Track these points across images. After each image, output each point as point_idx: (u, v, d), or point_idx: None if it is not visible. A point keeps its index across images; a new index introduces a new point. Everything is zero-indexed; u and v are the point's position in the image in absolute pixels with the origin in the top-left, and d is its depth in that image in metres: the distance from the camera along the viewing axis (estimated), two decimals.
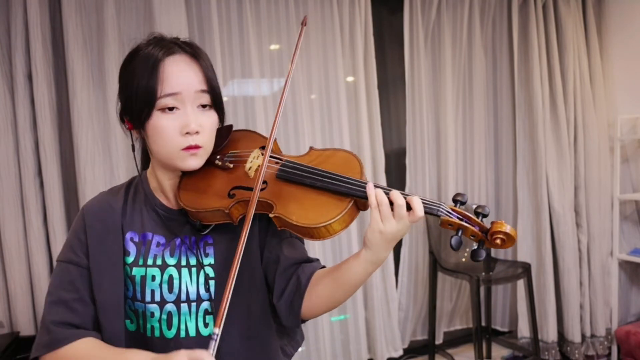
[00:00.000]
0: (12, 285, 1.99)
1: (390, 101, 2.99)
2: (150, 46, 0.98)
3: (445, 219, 0.89)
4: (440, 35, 2.87)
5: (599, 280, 3.05)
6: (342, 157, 1.01)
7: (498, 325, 3.21)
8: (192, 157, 0.97)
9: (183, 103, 0.96)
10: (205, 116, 0.98)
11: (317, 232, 0.92)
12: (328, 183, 0.94)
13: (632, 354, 2.89)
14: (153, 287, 1.01)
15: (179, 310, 1.02)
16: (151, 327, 1.02)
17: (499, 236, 0.88)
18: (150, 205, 1.06)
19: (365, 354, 2.70)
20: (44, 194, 2.02)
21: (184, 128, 0.95)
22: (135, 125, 0.99)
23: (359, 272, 0.94)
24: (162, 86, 0.94)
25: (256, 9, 2.44)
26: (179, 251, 1.03)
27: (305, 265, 1.03)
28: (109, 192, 1.10)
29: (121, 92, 1.00)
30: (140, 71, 0.95)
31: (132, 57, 0.99)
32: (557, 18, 3.00)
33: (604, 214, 3.06)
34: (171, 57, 0.97)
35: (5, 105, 1.98)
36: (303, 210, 0.93)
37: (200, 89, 0.97)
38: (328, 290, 0.98)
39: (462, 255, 2.90)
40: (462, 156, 2.99)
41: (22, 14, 1.96)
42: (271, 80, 2.53)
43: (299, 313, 0.99)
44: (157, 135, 0.96)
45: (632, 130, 3.09)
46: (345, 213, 0.91)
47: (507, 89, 3.09)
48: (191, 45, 1.01)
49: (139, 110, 0.95)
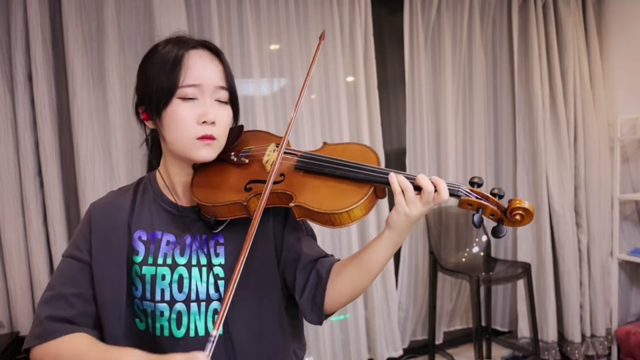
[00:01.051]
0: (12, 285, 1.99)
1: (390, 101, 2.99)
2: (171, 42, 1.01)
3: (465, 198, 0.94)
4: (440, 35, 2.87)
5: (599, 280, 3.05)
6: (357, 150, 1.04)
7: (498, 325, 3.21)
8: (206, 147, 0.99)
9: (203, 95, 0.98)
10: (222, 110, 1.01)
11: (338, 218, 0.93)
12: (347, 171, 0.96)
13: (632, 354, 2.89)
14: (163, 286, 1.01)
15: (189, 310, 1.01)
16: (160, 326, 1.02)
17: (518, 212, 0.92)
18: (159, 204, 1.06)
19: (365, 354, 2.70)
20: (44, 194, 2.02)
21: (202, 117, 0.97)
22: (151, 115, 1.00)
23: (382, 253, 0.97)
24: (184, 76, 0.96)
25: (256, 9, 2.44)
26: (189, 250, 1.03)
27: (324, 259, 1.05)
28: (118, 191, 1.11)
29: (140, 84, 1.02)
30: (163, 62, 0.98)
31: (153, 52, 1.02)
32: (557, 18, 3.00)
33: (604, 214, 3.06)
34: (195, 50, 1.00)
35: (5, 105, 1.98)
36: (324, 197, 0.94)
37: (220, 85, 1.00)
38: (351, 277, 0.99)
39: (462, 256, 2.90)
40: (462, 156, 2.99)
41: (22, 14, 1.96)
42: (271, 80, 2.53)
43: (322, 307, 1.01)
44: (174, 122, 0.97)
45: (632, 130, 3.09)
46: (367, 199, 0.93)
47: (507, 89, 3.09)
48: (210, 44, 1.04)
49: (158, 97, 0.97)
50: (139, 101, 1.03)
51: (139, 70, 1.04)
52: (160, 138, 1.04)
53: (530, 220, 0.93)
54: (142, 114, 1.03)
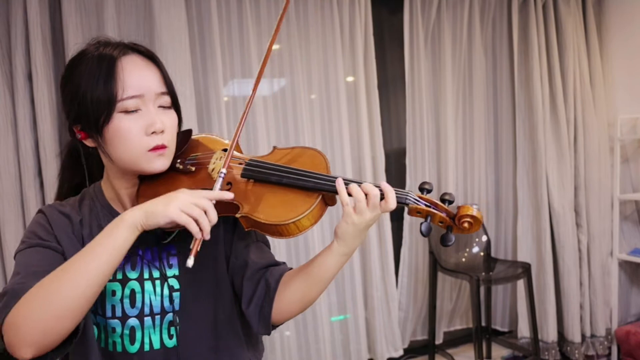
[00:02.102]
0: None
1: (390, 101, 2.99)
2: (99, 48, 0.93)
3: (413, 206, 0.91)
4: (440, 35, 2.87)
5: (599, 280, 3.05)
6: (306, 155, 1.00)
7: (498, 325, 3.21)
8: (160, 157, 0.94)
9: (145, 104, 0.92)
10: (167, 115, 0.95)
11: (286, 229, 0.91)
12: (294, 179, 0.92)
13: (632, 354, 2.89)
14: (114, 302, 0.96)
15: (143, 325, 0.97)
16: (113, 342, 0.97)
17: (466, 220, 0.90)
18: (107, 218, 0.98)
19: (365, 354, 2.70)
20: (44, 194, 2.02)
21: (150, 128, 0.91)
22: (90, 133, 0.92)
23: (332, 264, 0.94)
24: (122, 88, 0.89)
25: (256, 9, 2.44)
26: (140, 264, 0.98)
27: (274, 268, 1.00)
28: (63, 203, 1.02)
29: (70, 100, 0.93)
30: (94, 73, 0.89)
31: (78, 62, 0.93)
32: (557, 18, 3.00)
33: (604, 214, 3.06)
34: (125, 57, 0.92)
35: (5, 105, 1.98)
36: (271, 207, 0.91)
37: (161, 91, 0.94)
38: (300, 289, 0.96)
39: (462, 256, 2.90)
40: (462, 156, 2.99)
41: (22, 14, 1.96)
42: (271, 80, 2.53)
43: (269, 317, 0.97)
44: (119, 138, 0.90)
45: (632, 130, 3.09)
46: (315, 208, 0.90)
47: (507, 89, 3.09)
48: (139, 46, 0.97)
49: (96, 114, 0.89)
50: (72, 120, 0.94)
51: (64, 85, 0.95)
52: (100, 154, 0.96)
53: (478, 228, 0.91)
54: (79, 134, 0.94)
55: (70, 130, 0.97)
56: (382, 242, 2.74)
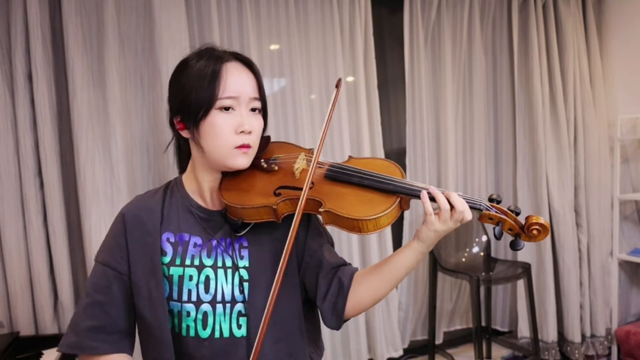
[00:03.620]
0: (12, 285, 1.99)
1: (390, 101, 2.99)
2: (205, 55, 1.05)
3: (485, 212, 1.00)
4: (440, 35, 2.87)
5: (599, 280, 3.05)
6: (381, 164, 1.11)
7: (498, 325, 3.21)
8: (243, 155, 1.04)
9: (239, 105, 1.03)
10: (255, 119, 1.06)
11: (365, 225, 0.98)
12: (375, 181, 1.02)
13: (632, 354, 2.90)
14: (190, 286, 1.05)
15: (214, 311, 1.05)
16: (187, 326, 1.05)
17: (535, 227, 0.99)
18: (186, 207, 1.10)
19: (365, 354, 2.70)
20: (44, 194, 2.02)
21: (239, 127, 1.02)
22: (188, 125, 1.04)
23: (410, 261, 1.04)
24: (223, 88, 1.01)
25: (256, 9, 2.44)
26: (215, 252, 1.07)
27: (345, 267, 1.11)
28: (145, 195, 1.15)
29: (175, 96, 1.06)
30: (201, 74, 1.02)
31: (186, 65, 1.05)
32: (557, 18, 3.00)
33: (604, 214, 3.06)
34: (229, 62, 1.04)
35: (5, 105, 1.98)
36: (352, 205, 1.00)
37: (254, 95, 1.05)
38: (373, 285, 1.06)
39: (462, 256, 2.90)
40: (462, 156, 2.99)
41: (22, 14, 1.96)
42: (271, 80, 2.53)
43: (342, 313, 1.06)
44: (212, 132, 1.02)
45: (632, 130, 3.09)
46: (394, 209, 0.99)
47: (507, 89, 3.09)
48: (243, 56, 1.09)
49: (197, 108, 1.01)
50: (174, 112, 1.07)
51: (173, 83, 1.08)
52: (192, 146, 1.09)
53: (546, 236, 0.99)
54: (178, 124, 1.07)
55: (171, 122, 1.09)
56: (382, 242, 2.74)
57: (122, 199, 2.08)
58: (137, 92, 2.18)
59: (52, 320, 2.03)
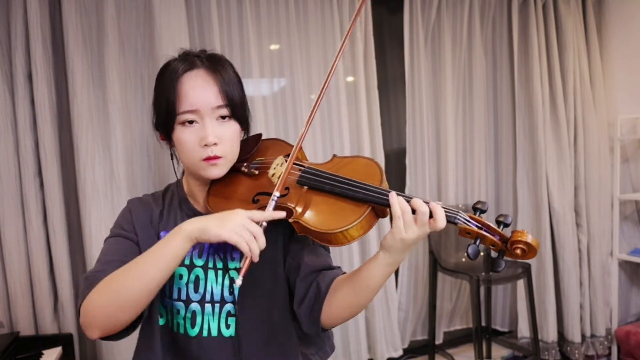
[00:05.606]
0: (12, 285, 1.99)
1: (390, 101, 2.99)
2: (176, 61, 1.04)
3: (462, 226, 0.88)
4: (440, 35, 2.87)
5: (599, 280, 3.05)
6: (362, 164, 1.03)
7: (498, 325, 3.21)
8: (213, 167, 1.02)
9: (202, 118, 1.01)
10: (224, 127, 1.03)
11: (334, 238, 0.93)
12: (345, 189, 0.95)
13: (632, 354, 2.90)
14: (180, 285, 1.06)
15: (203, 310, 1.05)
16: (177, 323, 1.07)
17: (519, 246, 0.85)
18: (183, 210, 1.12)
19: (365, 354, 2.70)
20: (44, 194, 2.02)
21: (202, 140, 1.00)
22: (165, 137, 1.07)
23: (377, 275, 0.95)
24: (180, 103, 1.00)
25: (256, 8, 2.44)
26: (207, 253, 1.07)
27: (326, 272, 1.04)
28: (151, 195, 1.17)
29: (153, 105, 1.08)
30: (165, 86, 1.01)
31: (162, 71, 1.05)
32: (557, 18, 3.00)
33: (604, 214, 3.06)
34: (188, 73, 1.01)
35: (5, 105, 1.98)
36: (321, 215, 0.94)
37: (216, 104, 1.01)
38: (347, 296, 0.99)
39: (462, 256, 2.90)
40: (462, 156, 2.99)
41: (22, 14, 1.96)
42: (271, 80, 2.53)
43: (318, 320, 1.01)
44: (180, 146, 1.03)
45: (632, 130, 3.09)
46: (363, 219, 0.91)
47: (507, 89, 3.09)
48: (212, 58, 1.05)
49: (164, 123, 1.03)
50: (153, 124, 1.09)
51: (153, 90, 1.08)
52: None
53: (533, 256, 0.85)
54: (159, 135, 1.09)
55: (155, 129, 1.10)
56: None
57: (122, 199, 2.08)
58: (137, 92, 2.18)
59: (52, 320, 2.03)
